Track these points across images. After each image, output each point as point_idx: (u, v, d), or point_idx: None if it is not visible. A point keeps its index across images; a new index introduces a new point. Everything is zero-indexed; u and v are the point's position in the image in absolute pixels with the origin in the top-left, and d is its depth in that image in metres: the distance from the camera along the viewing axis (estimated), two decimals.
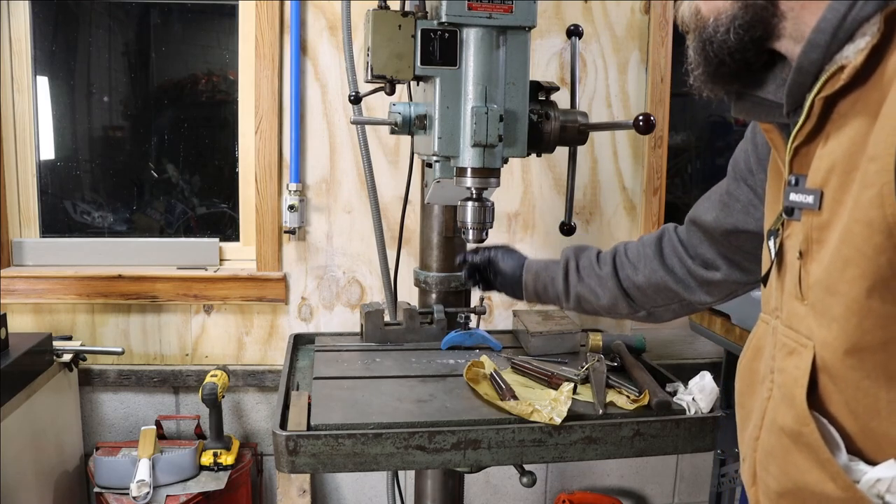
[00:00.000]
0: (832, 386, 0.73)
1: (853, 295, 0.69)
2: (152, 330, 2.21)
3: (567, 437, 1.23)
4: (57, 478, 2.01)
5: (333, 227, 2.21)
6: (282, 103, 2.14)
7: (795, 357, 0.77)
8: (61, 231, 2.28)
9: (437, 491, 1.60)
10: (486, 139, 1.20)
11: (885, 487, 0.69)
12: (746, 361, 0.91)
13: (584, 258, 1.37)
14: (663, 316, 1.34)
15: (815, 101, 0.73)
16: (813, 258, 0.75)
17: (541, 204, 2.26)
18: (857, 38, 0.69)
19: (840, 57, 0.71)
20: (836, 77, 0.71)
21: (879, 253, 0.66)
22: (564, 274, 1.37)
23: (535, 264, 1.42)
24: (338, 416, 1.24)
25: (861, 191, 0.67)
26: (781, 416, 0.78)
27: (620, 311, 1.35)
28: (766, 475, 0.82)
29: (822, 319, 0.73)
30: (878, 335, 0.68)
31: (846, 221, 0.69)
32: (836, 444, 0.73)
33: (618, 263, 1.33)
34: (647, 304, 1.32)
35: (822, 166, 0.74)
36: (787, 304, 0.80)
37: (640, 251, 1.32)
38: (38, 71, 2.20)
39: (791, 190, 0.78)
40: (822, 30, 0.72)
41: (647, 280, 1.28)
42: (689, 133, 2.56)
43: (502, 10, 1.20)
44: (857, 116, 0.70)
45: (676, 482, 2.49)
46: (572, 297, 1.37)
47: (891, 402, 0.69)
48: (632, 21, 2.24)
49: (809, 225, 0.76)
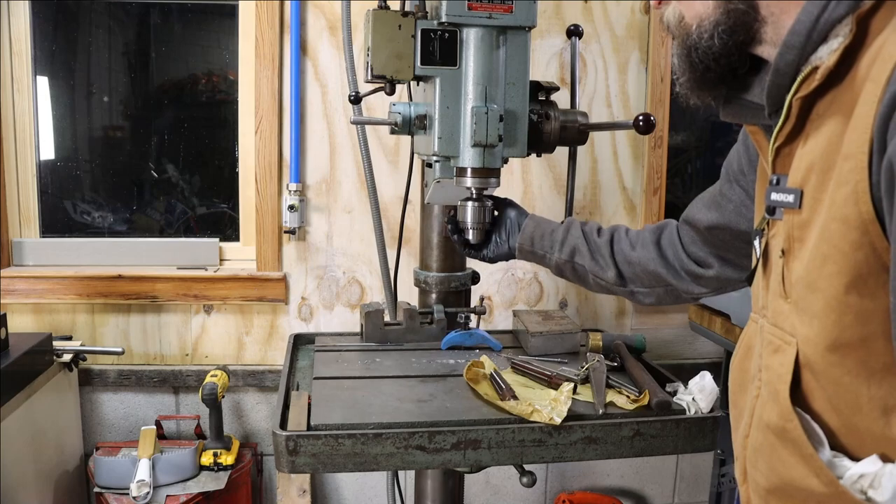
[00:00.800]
0: (815, 382, 0.74)
1: (832, 291, 0.70)
2: (152, 330, 2.21)
3: (567, 437, 1.23)
4: (57, 478, 2.01)
5: (333, 227, 2.21)
6: (282, 103, 2.14)
7: (780, 354, 0.78)
8: (61, 231, 2.28)
9: (437, 491, 1.60)
10: (486, 139, 1.20)
11: (867, 483, 0.70)
12: (738, 361, 0.93)
13: (588, 224, 1.40)
14: (644, 299, 1.37)
15: (792, 101, 0.75)
16: (795, 256, 0.76)
17: (541, 204, 2.26)
18: (831, 40, 0.71)
19: (815, 58, 0.72)
20: (810, 78, 0.73)
21: (856, 249, 0.67)
22: (566, 227, 1.38)
23: (538, 216, 1.43)
24: (338, 416, 1.24)
25: (837, 189, 0.68)
26: (767, 413, 0.80)
27: (608, 280, 1.36)
28: (755, 472, 0.83)
29: (803, 317, 0.74)
30: (857, 331, 0.69)
31: (824, 219, 0.70)
32: (820, 439, 0.74)
33: (615, 238, 1.36)
34: (633, 280, 1.35)
35: (801, 166, 0.75)
36: (773, 303, 0.82)
37: (639, 234, 1.36)
38: (38, 71, 2.20)
39: (773, 189, 0.80)
40: (796, 31, 0.73)
41: (640, 259, 1.32)
42: (689, 133, 2.56)
43: (502, 10, 1.20)
44: (833, 116, 0.71)
45: (676, 482, 2.50)
46: (567, 248, 1.37)
47: (872, 398, 0.70)
48: (632, 21, 2.24)
49: (791, 224, 0.77)
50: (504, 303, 2.31)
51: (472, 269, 1.72)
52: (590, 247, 1.36)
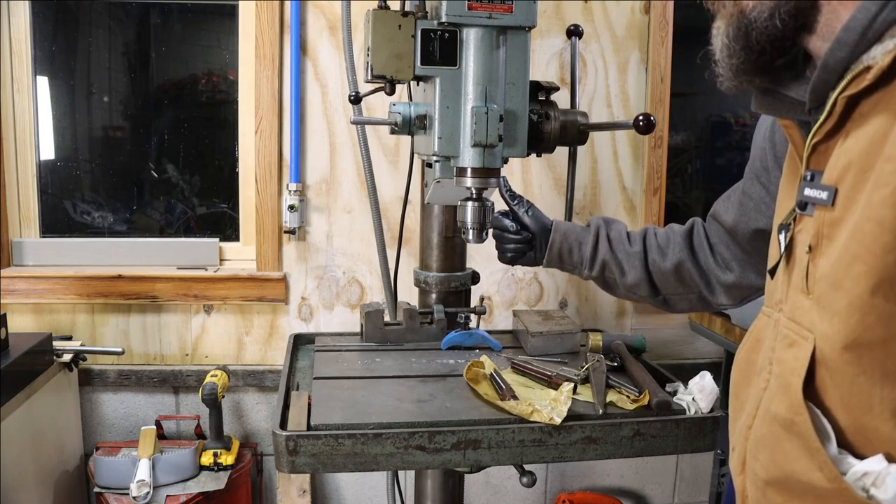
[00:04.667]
0: (829, 379, 0.74)
1: (857, 291, 0.70)
2: (152, 330, 2.21)
3: (567, 437, 1.23)
4: (57, 478, 2.01)
5: (333, 227, 2.21)
6: (282, 103, 2.14)
7: (795, 349, 0.78)
8: (61, 231, 2.28)
9: (437, 491, 1.60)
10: (486, 139, 1.20)
11: (871, 481, 0.70)
12: (744, 353, 0.93)
13: (614, 230, 1.38)
14: (678, 304, 1.36)
15: (838, 99, 0.74)
16: (822, 253, 0.76)
17: (541, 204, 2.24)
18: (886, 40, 0.70)
19: (867, 57, 0.71)
20: (861, 77, 0.71)
21: (887, 252, 0.67)
22: (595, 240, 1.37)
23: (563, 225, 1.42)
24: (338, 416, 1.24)
25: (875, 190, 0.68)
26: (776, 405, 0.80)
27: (640, 292, 1.36)
28: (755, 463, 0.84)
29: (824, 313, 0.74)
30: (879, 333, 0.69)
31: (857, 219, 0.70)
32: (827, 435, 0.74)
33: (647, 245, 1.35)
34: (667, 289, 1.34)
35: (838, 164, 0.75)
36: (792, 297, 0.81)
37: (669, 237, 1.34)
38: (38, 71, 2.20)
39: (806, 185, 0.79)
40: (851, 28, 0.72)
41: (674, 266, 1.31)
42: (689, 133, 2.56)
43: (502, 10, 1.20)
44: (878, 117, 0.70)
45: (676, 482, 2.49)
46: (597, 265, 1.37)
47: (884, 399, 0.70)
48: (632, 21, 2.24)
49: (821, 220, 0.77)
50: (504, 303, 2.31)
51: (472, 269, 1.72)
52: (618, 259, 1.35)
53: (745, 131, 2.58)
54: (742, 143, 2.59)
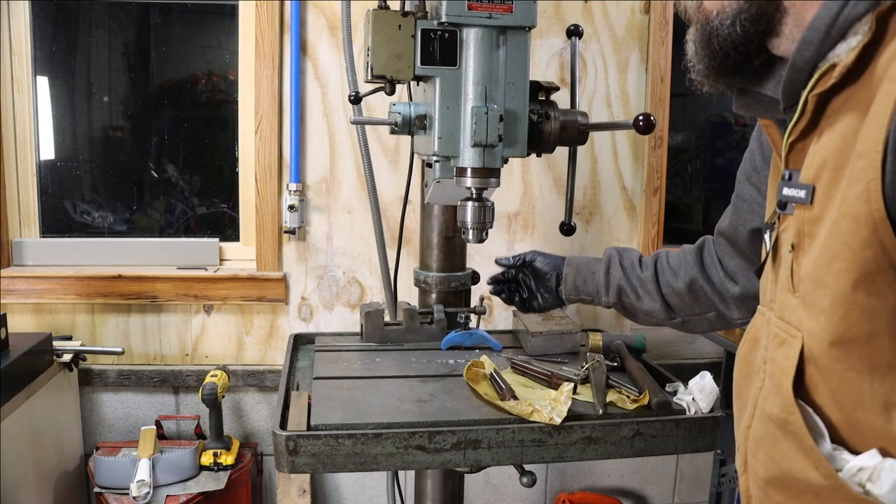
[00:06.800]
0: (818, 377, 0.75)
1: (839, 288, 0.70)
2: (152, 330, 2.21)
3: (567, 437, 1.23)
4: (57, 478, 2.01)
5: (333, 227, 2.21)
6: (282, 103, 2.14)
7: (785, 347, 0.79)
8: (61, 231, 2.28)
9: (437, 491, 1.60)
10: (486, 139, 1.20)
11: (866, 476, 0.71)
12: (744, 352, 0.93)
13: (627, 258, 1.39)
14: (698, 325, 1.35)
15: (808, 97, 0.75)
16: (804, 251, 0.77)
17: (541, 204, 2.26)
18: (850, 37, 0.71)
19: (832, 55, 0.72)
20: (828, 75, 0.72)
21: (865, 247, 0.67)
22: (606, 268, 1.38)
23: (576, 259, 1.43)
24: (338, 416, 1.24)
25: (849, 186, 0.69)
26: (770, 405, 0.80)
27: (657, 315, 1.36)
28: (755, 462, 0.84)
29: (810, 311, 0.75)
30: (863, 328, 0.70)
31: (835, 216, 0.71)
32: (821, 432, 0.74)
33: (659, 268, 1.35)
34: (684, 310, 1.33)
35: (814, 162, 0.75)
36: (780, 297, 0.82)
37: (681, 258, 1.34)
38: (38, 71, 2.20)
39: (784, 184, 0.80)
40: (815, 28, 0.73)
41: (687, 286, 1.30)
42: (689, 133, 2.56)
43: (502, 10, 1.20)
44: (848, 113, 0.71)
45: (676, 482, 2.49)
46: (612, 290, 1.37)
47: (874, 393, 0.71)
48: (632, 21, 2.24)
49: (801, 219, 0.77)
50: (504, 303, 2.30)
51: (472, 269, 1.72)
52: (632, 283, 1.36)
53: (745, 131, 2.58)
54: (742, 144, 2.59)
